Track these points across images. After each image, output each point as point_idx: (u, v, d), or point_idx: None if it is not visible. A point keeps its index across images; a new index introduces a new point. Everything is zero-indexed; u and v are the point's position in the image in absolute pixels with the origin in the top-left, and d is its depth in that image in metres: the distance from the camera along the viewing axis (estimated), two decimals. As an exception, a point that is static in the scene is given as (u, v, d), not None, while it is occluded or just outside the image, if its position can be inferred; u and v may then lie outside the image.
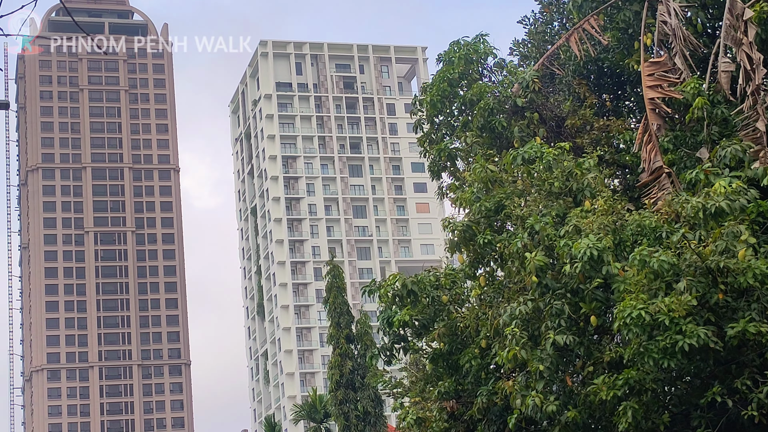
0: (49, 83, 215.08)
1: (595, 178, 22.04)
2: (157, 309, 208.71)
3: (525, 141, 24.34)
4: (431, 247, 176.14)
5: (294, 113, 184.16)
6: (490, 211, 22.83)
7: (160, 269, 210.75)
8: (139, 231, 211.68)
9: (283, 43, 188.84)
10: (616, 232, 20.28)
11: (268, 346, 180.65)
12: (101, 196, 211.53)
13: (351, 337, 70.43)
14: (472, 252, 23.13)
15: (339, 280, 71.71)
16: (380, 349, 25.26)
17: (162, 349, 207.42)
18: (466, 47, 27.14)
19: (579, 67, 26.20)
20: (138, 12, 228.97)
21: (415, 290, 23.57)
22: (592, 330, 20.65)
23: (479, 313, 22.91)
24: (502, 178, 23.28)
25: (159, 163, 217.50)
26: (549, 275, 20.66)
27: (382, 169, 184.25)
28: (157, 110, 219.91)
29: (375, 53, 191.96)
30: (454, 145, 26.92)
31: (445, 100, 27.06)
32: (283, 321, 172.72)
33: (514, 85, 25.66)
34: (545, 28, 28.65)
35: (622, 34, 25.25)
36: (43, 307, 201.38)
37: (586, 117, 25.07)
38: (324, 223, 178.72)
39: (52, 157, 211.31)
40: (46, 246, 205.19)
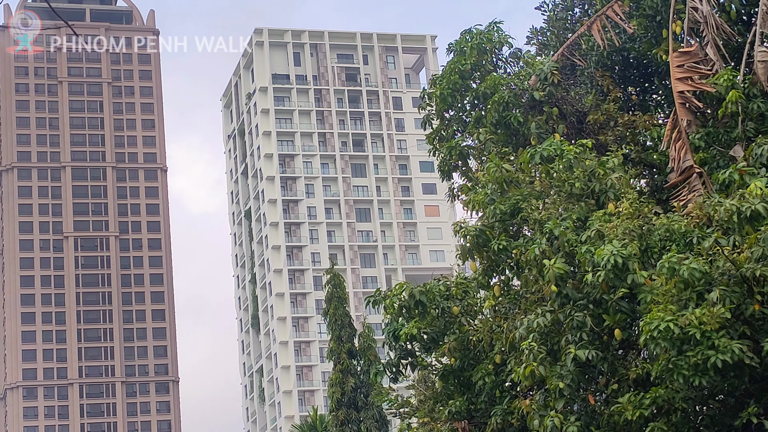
0: (25, 75, 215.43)
1: (619, 178, 22.04)
2: (143, 321, 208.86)
3: (543, 138, 24.34)
4: (441, 253, 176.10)
5: (292, 108, 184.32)
6: (505, 215, 22.84)
7: (146, 278, 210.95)
8: (123, 236, 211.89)
9: (279, 32, 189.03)
10: (643, 238, 20.28)
11: (263, 362, 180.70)
12: (82, 198, 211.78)
13: (353, 351, 70.41)
14: (486, 259, 23.14)
15: (340, 290, 71.70)
16: (385, 365, 25.27)
17: (148, 364, 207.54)
18: (478, 36, 27.16)
19: (602, 57, 26.20)
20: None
21: (423, 301, 23.58)
22: (616, 344, 20.64)
23: (493, 326, 22.91)
24: (519, 178, 23.29)
25: (145, 162, 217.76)
26: (569, 284, 20.66)
27: (388, 169, 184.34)
28: (143, 104, 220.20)
29: (380, 42, 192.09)
30: (466, 143, 26.94)
31: (456, 94, 27.08)
32: (279, 334, 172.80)
33: (532, 77, 25.68)
34: (565, 14, 28.65)
35: (649, 21, 25.25)
36: (18, 319, 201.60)
37: (609, 112, 25.07)
38: (324, 227, 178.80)
39: (29, 155, 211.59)
40: (21, 252, 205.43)
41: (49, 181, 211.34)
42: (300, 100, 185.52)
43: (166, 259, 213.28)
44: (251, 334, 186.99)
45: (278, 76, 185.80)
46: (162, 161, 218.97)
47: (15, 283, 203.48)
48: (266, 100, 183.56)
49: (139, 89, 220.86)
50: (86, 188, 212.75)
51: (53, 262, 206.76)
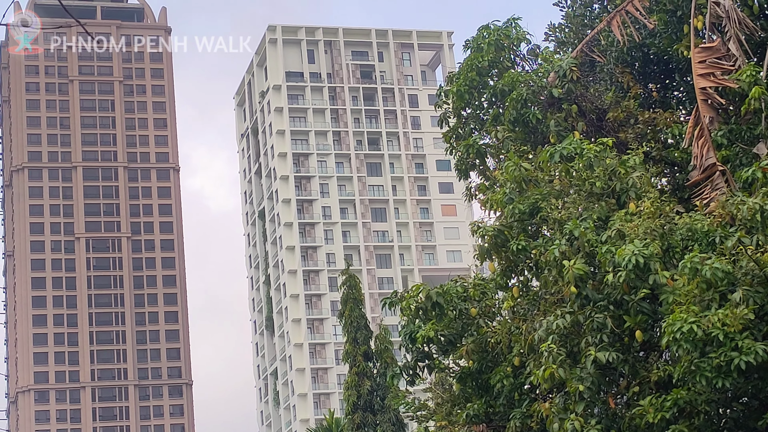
0: (36, 74, 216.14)
1: (640, 177, 22.01)
2: (156, 323, 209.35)
3: (562, 136, 24.32)
4: (458, 254, 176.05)
5: (306, 106, 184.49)
6: (524, 214, 22.83)
7: (158, 279, 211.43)
8: (135, 237, 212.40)
9: (293, 29, 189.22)
10: (664, 237, 20.25)
11: (278, 364, 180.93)
12: (93, 198, 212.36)
13: (369, 354, 70.42)
14: (504, 259, 23.13)
15: (355, 291, 71.72)
16: (402, 368, 25.28)
17: (161, 367, 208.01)
18: (496, 32, 27.14)
19: (622, 53, 26.17)
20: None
21: (440, 302, 23.58)
22: (637, 346, 20.62)
23: (512, 328, 22.90)
24: (538, 177, 23.27)
25: (157, 161, 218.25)
26: (590, 285, 20.65)
27: (404, 168, 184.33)
28: (155, 103, 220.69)
29: (395, 39, 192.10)
30: (483, 141, 26.92)
31: (473, 91, 27.07)
32: (294, 336, 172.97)
33: (550, 74, 25.64)
34: (584, 10, 28.62)
35: (670, 16, 25.21)
36: (29, 322, 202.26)
37: (630, 109, 25.04)
38: (339, 227, 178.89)
39: (39, 155, 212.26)
40: (32, 254, 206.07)
41: (60, 181, 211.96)
42: (314, 98, 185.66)
43: (178, 260, 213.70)
44: (265, 336, 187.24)
45: (292, 73, 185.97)
46: (174, 161, 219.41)
47: (26, 285, 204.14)
48: (280, 99, 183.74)
49: (151, 88, 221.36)
50: (98, 188, 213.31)
51: (65, 264, 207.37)
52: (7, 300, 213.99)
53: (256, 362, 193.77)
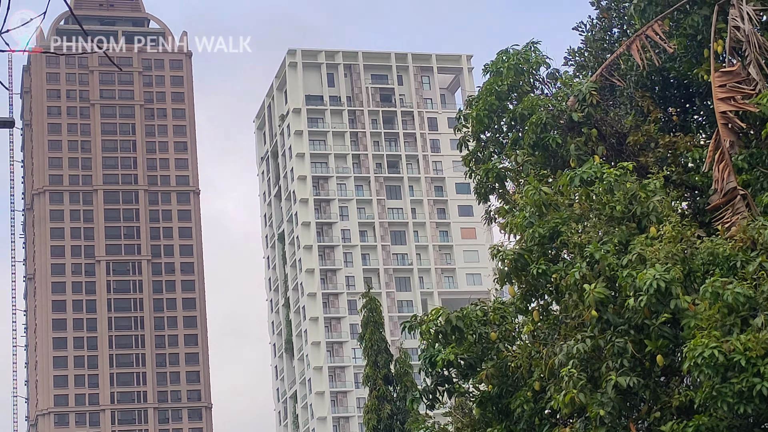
0: (57, 98, 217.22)
1: (661, 201, 21.97)
2: (175, 346, 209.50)
3: (582, 160, 24.31)
4: (478, 277, 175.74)
5: (325, 129, 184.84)
6: (544, 238, 22.80)
7: (178, 302, 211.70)
8: (155, 260, 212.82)
9: (313, 52, 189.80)
10: (686, 262, 20.19)
11: (297, 387, 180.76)
12: (114, 221, 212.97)
13: (389, 377, 70.29)
14: (525, 283, 23.10)
15: (376, 314, 71.68)
16: (422, 392, 25.23)
17: (180, 390, 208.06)
18: (515, 56, 27.18)
19: (642, 77, 26.15)
20: (154, 19, 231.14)
21: (460, 326, 23.54)
22: (658, 371, 20.54)
23: (532, 352, 22.84)
24: (558, 201, 23.25)
25: (177, 185, 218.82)
26: (610, 309, 20.59)
27: (423, 191, 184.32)
28: (176, 127, 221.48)
29: (415, 62, 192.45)
30: (503, 165, 26.92)
31: (492, 115, 27.10)
32: (314, 359, 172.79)
33: (570, 97, 25.65)
34: (604, 34, 28.63)
35: (689, 41, 25.19)
36: (50, 344, 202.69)
37: (650, 133, 25.01)
38: (359, 250, 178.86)
39: (61, 178, 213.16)
40: (53, 277, 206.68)
41: (81, 204, 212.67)
42: (334, 121, 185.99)
43: (198, 283, 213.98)
44: (285, 359, 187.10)
45: (312, 97, 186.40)
46: (195, 184, 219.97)
47: (47, 307, 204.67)
48: (300, 122, 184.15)
49: (172, 111, 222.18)
50: (118, 211, 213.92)
51: (85, 287, 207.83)
52: (28, 323, 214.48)
53: (275, 385, 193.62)
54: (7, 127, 27.39)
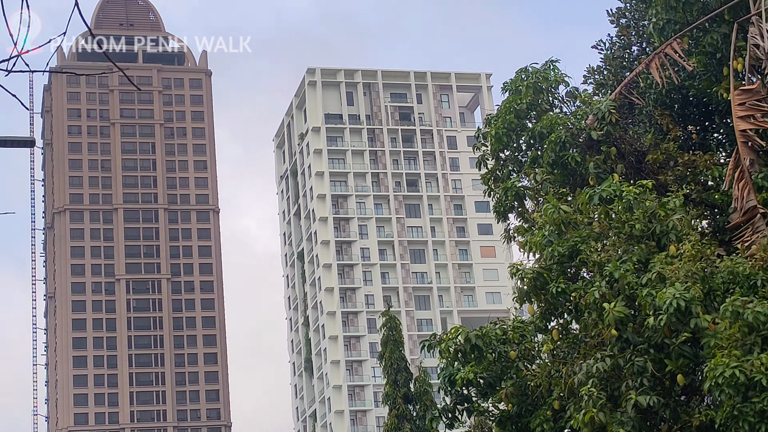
0: (78, 117, 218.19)
1: (681, 219, 21.92)
2: (195, 365, 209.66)
3: (601, 178, 24.27)
4: (497, 295, 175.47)
5: (345, 147, 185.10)
6: (563, 257, 22.75)
7: (198, 321, 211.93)
8: (175, 278, 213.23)
9: (332, 71, 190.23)
10: (706, 280, 20.13)
11: (316, 406, 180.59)
12: (134, 240, 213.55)
13: (409, 396, 70.21)
14: (544, 302, 23.05)
15: (395, 333, 71.65)
16: (441, 411, 25.18)
17: (200, 409, 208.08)
18: (534, 75, 27.19)
19: (661, 95, 26.11)
20: (174, 38, 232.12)
21: (479, 345, 23.51)
22: (678, 390, 20.45)
23: (552, 371, 22.78)
24: (577, 219, 23.22)
25: (197, 203, 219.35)
26: (630, 328, 20.53)
27: (443, 209, 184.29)
28: (195, 146, 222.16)
29: (434, 81, 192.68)
30: (522, 183, 26.90)
31: (511, 133, 27.09)
32: (333, 378, 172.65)
33: (589, 116, 25.63)
34: (623, 53, 28.61)
35: (709, 59, 25.15)
36: (70, 363, 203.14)
37: (669, 151, 24.96)
38: (378, 268, 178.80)
39: (81, 197, 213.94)
40: (73, 295, 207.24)
41: (101, 223, 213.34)
42: (353, 139, 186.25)
43: (218, 301, 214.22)
44: (304, 378, 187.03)
45: (331, 115, 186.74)
46: (214, 203, 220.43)
47: (67, 326, 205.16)
48: (319, 140, 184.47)
49: (192, 130, 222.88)
50: (138, 230, 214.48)
51: (105, 305, 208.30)
52: (48, 341, 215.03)
53: (294, 404, 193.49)
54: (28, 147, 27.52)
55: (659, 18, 25.27)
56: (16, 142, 27.38)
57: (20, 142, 27.46)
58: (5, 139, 27.18)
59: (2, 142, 27.05)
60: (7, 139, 27.23)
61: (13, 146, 27.35)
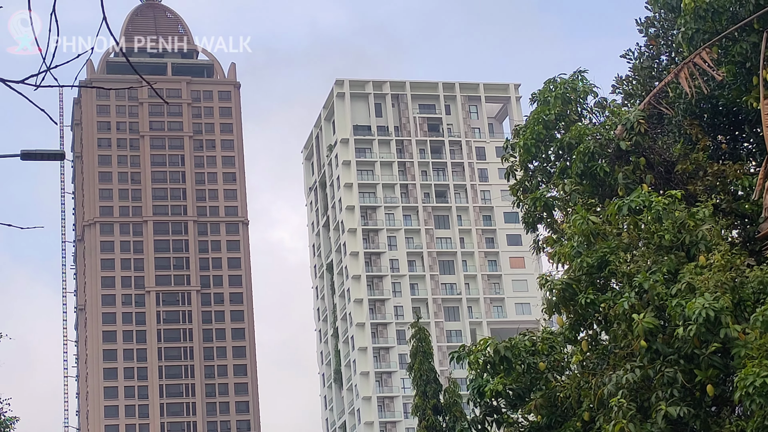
0: (108, 130, 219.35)
1: (710, 229, 21.84)
2: (225, 376, 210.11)
3: (630, 189, 24.22)
4: (527, 306, 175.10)
5: (373, 159, 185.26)
6: (592, 268, 22.71)
7: (227, 332, 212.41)
8: (204, 290, 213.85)
9: (360, 83, 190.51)
10: (735, 290, 20.05)
11: (346, 418, 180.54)
12: (164, 252, 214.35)
13: (438, 407, 70.06)
14: (573, 313, 23.01)
15: (425, 344, 71.53)
16: (471, 422, 25.18)
17: (230, 421, 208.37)
18: (562, 85, 27.18)
19: (690, 105, 26.04)
20: (203, 51, 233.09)
21: (508, 356, 23.50)
22: (709, 401, 20.37)
23: (581, 382, 22.73)
24: (606, 230, 23.18)
25: (226, 215, 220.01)
26: (660, 339, 20.47)
27: (472, 220, 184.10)
28: (224, 158, 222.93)
29: (462, 92, 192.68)
30: (550, 194, 26.87)
31: (540, 144, 27.09)
32: (362, 389, 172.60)
33: (618, 126, 25.59)
34: (651, 62, 28.55)
35: (738, 68, 25.07)
36: (100, 375, 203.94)
37: (699, 161, 24.89)
38: (407, 280, 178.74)
39: (111, 210, 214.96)
40: (104, 307, 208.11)
41: (131, 235, 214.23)
42: (382, 151, 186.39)
43: (247, 313, 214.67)
44: (334, 390, 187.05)
45: (359, 127, 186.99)
46: (243, 215, 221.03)
47: (97, 338, 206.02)
48: (348, 152, 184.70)
49: (221, 142, 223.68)
50: (168, 242, 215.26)
51: (135, 318, 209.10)
52: (79, 353, 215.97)
53: (324, 415, 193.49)
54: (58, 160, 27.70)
55: (688, 27, 25.22)
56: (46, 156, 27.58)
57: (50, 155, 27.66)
58: (35, 153, 27.39)
59: (33, 155, 27.26)
60: (37, 152, 27.44)
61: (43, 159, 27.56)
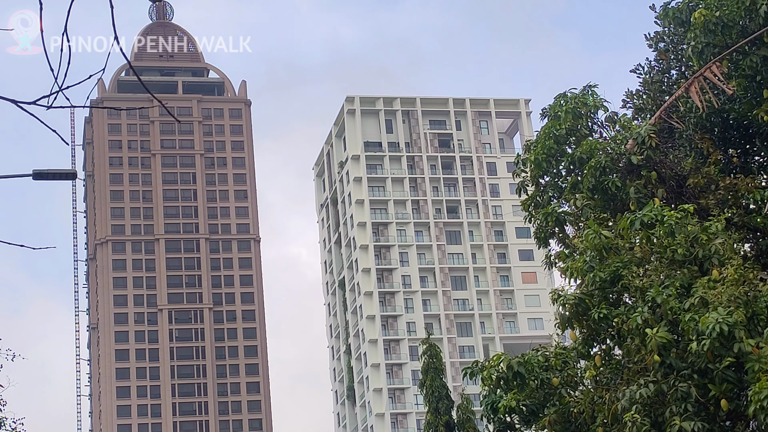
0: (119, 148, 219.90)
1: (723, 243, 21.80)
2: (238, 394, 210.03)
3: (642, 203, 24.19)
4: (540, 321, 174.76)
5: (384, 175, 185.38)
6: (605, 282, 22.68)
7: (240, 350, 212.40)
8: (217, 308, 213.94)
9: (371, 99, 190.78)
10: (749, 305, 20.00)
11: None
12: (176, 270, 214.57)
13: (451, 424, 69.98)
14: (586, 328, 22.97)
15: (437, 360, 71.50)
16: (484, 439, 25.13)
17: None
18: (573, 100, 27.18)
19: (701, 119, 26.02)
20: (214, 69, 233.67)
21: (521, 372, 23.46)
22: (723, 415, 20.30)
23: (595, 397, 22.69)
24: (618, 244, 23.14)
25: (238, 233, 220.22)
26: (673, 354, 20.42)
27: (483, 235, 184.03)
28: (236, 175, 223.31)
29: (473, 107, 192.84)
30: (562, 209, 26.86)
31: (551, 159, 27.08)
32: (375, 406, 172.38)
33: (629, 140, 25.56)
34: (662, 77, 28.54)
35: (749, 82, 25.05)
36: (113, 393, 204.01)
37: (710, 175, 24.86)
38: (419, 296, 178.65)
39: (123, 228, 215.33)
40: (116, 326, 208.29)
41: (143, 253, 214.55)
42: (393, 167, 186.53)
43: (260, 330, 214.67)
44: (347, 406, 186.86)
45: (370, 143, 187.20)
46: (255, 232, 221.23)
47: (110, 357, 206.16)
48: (359, 169, 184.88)
49: (232, 160, 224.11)
50: (180, 260, 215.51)
51: (148, 336, 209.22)
52: (92, 372, 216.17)
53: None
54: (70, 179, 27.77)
55: (698, 41, 25.22)
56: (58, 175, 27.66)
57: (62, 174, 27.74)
58: (47, 172, 27.47)
59: (44, 175, 27.34)
60: (49, 172, 27.52)
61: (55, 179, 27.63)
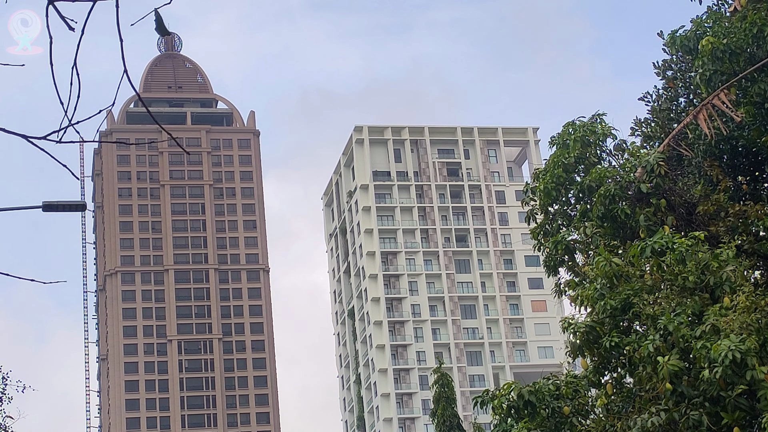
0: (128, 179, 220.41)
1: (734, 270, 21.75)
2: (248, 425, 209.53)
3: (652, 230, 24.17)
4: (550, 350, 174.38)
5: (393, 204, 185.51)
6: (615, 310, 22.63)
7: (250, 380, 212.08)
8: (226, 338, 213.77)
9: (379, 129, 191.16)
10: (761, 332, 19.94)
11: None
12: (185, 300, 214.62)
13: (463, 453, 69.72)
14: (597, 356, 22.91)
15: (448, 390, 71.35)
16: (496, 468, 25.02)
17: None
18: (581, 128, 27.19)
19: (710, 146, 26.03)
20: (222, 100, 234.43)
21: (532, 401, 23.38)
22: (736, 443, 20.20)
23: (606, 426, 22.60)
24: (629, 272, 23.10)
25: (247, 263, 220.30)
26: (685, 381, 20.35)
27: (493, 264, 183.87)
28: (245, 205, 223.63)
29: (481, 136, 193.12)
30: (571, 237, 26.83)
31: (560, 188, 27.06)
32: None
33: (638, 168, 25.56)
34: (670, 104, 28.57)
35: (757, 108, 25.07)
36: (123, 425, 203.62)
37: (719, 202, 24.84)
38: (429, 325, 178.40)
39: (132, 259, 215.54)
40: (126, 357, 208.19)
41: (153, 284, 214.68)
42: (401, 196, 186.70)
43: (269, 360, 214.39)
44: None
45: (379, 173, 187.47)
46: (264, 262, 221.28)
47: (120, 388, 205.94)
48: (367, 198, 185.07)
49: (240, 190, 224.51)
50: (189, 291, 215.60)
51: (157, 367, 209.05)
52: (102, 403, 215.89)
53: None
54: (79, 211, 27.82)
55: (706, 69, 25.25)
56: (68, 207, 27.71)
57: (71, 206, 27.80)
58: (57, 204, 27.53)
59: (54, 206, 27.39)
60: (58, 203, 27.58)
61: (65, 210, 27.69)
